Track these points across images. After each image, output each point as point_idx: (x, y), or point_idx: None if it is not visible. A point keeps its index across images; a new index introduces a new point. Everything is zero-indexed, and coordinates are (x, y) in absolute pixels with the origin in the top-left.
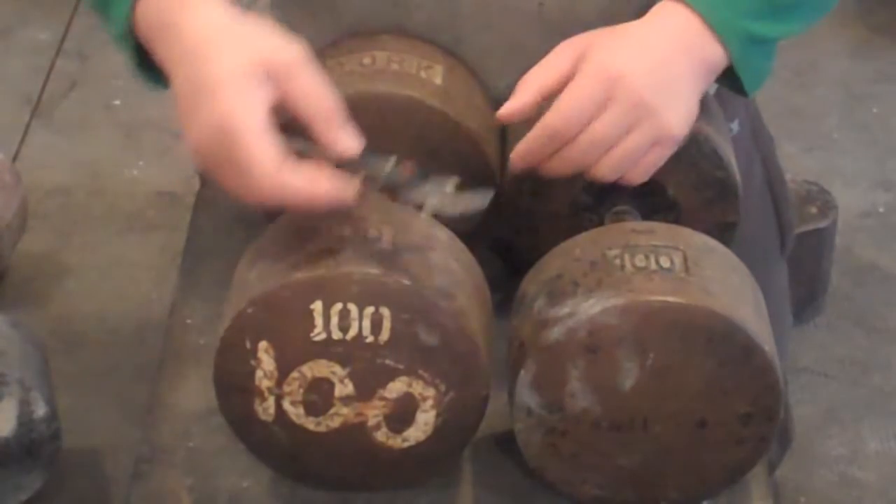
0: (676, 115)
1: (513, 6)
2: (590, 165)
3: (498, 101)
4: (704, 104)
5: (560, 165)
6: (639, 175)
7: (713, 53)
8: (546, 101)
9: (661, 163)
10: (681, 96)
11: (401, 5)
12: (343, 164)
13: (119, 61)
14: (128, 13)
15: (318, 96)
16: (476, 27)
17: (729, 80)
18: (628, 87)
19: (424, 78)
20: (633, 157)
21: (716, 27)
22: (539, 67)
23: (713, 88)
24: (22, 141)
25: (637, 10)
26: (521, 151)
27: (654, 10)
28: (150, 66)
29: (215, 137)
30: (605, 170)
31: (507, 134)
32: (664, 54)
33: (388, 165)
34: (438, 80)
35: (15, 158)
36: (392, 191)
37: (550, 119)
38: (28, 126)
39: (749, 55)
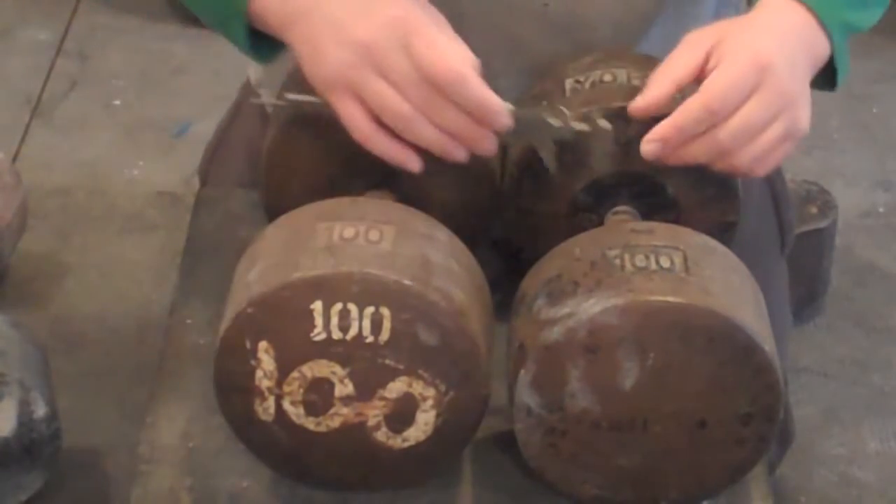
0: (805, 109)
1: (518, 6)
2: (732, 153)
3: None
4: None
5: (703, 150)
6: (766, 168)
7: (822, 47)
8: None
9: (784, 157)
10: (806, 90)
11: None
12: None
13: (119, 61)
14: None
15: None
16: (481, 27)
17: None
18: (777, 76)
19: None
20: (772, 148)
21: (822, 19)
22: (671, 60)
23: None
24: (22, 141)
25: (645, 13)
26: (665, 132)
27: (763, 6)
28: (256, 40)
29: (395, 27)
30: (746, 159)
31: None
32: (793, 44)
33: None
34: None
35: (15, 158)
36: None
37: (706, 99)
38: (28, 126)
39: (842, 47)
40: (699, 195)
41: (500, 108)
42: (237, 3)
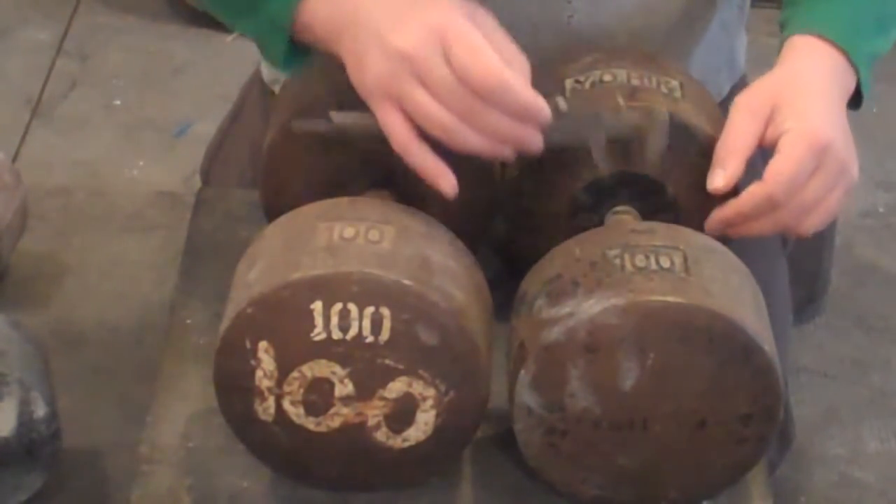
0: (855, 161)
1: (542, 19)
2: (794, 228)
3: None
4: (707, 105)
5: (766, 227)
6: (825, 224)
7: (851, 82)
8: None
9: (841, 208)
10: (852, 139)
11: None
12: None
13: (119, 61)
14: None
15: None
16: None
17: None
18: (835, 155)
19: None
20: (832, 211)
21: (851, 54)
22: (734, 132)
23: (722, 94)
24: (22, 141)
25: (665, 24)
26: (730, 217)
27: (794, 48)
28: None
29: (434, 34)
30: (809, 228)
31: None
32: (837, 102)
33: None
34: None
35: (15, 158)
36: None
37: (771, 190)
38: (28, 126)
39: (868, 76)
40: (699, 196)
41: (544, 110)
42: (280, 18)
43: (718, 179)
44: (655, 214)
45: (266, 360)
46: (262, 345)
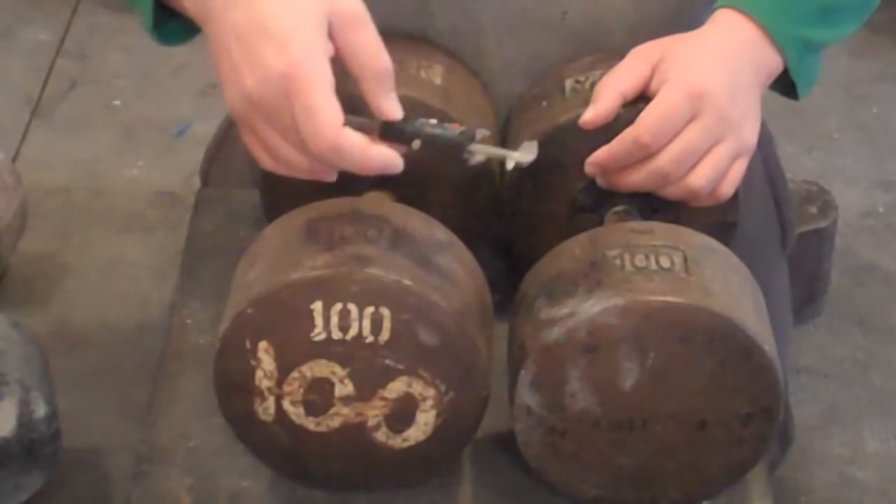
0: (752, 126)
1: (536, 16)
2: (678, 178)
3: (513, 108)
4: None
5: (646, 177)
6: (727, 188)
7: (772, 61)
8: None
9: (742, 175)
10: (753, 107)
11: (424, 13)
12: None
13: (119, 61)
14: None
15: (375, 53)
16: (499, 36)
17: (779, 84)
18: (713, 103)
19: (424, 78)
20: (722, 168)
21: (774, 35)
22: (617, 73)
23: None
24: (22, 141)
25: (660, 19)
26: (601, 159)
27: (714, 19)
28: (165, 22)
29: (278, 84)
30: (699, 183)
31: (506, 135)
32: (736, 65)
33: (434, 126)
34: (438, 80)
35: (15, 158)
36: (450, 150)
37: (638, 132)
38: (28, 126)
39: (803, 61)
40: None
41: (386, 162)
42: None
43: (587, 112)
44: (655, 214)
45: (266, 360)
46: (262, 345)
